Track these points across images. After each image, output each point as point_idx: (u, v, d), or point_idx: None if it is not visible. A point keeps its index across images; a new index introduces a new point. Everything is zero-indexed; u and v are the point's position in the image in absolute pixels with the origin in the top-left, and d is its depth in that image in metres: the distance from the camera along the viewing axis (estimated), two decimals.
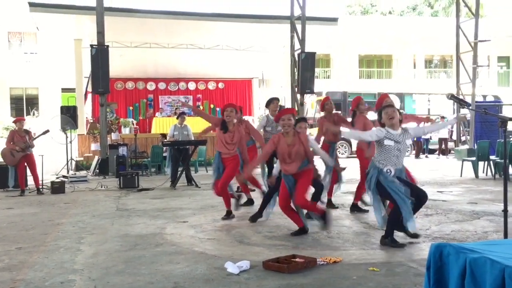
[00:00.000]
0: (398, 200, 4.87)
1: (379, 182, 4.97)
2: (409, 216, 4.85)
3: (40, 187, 10.19)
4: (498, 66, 34.25)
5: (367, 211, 6.86)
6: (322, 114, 7.71)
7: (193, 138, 11.48)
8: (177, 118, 11.73)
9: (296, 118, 6.13)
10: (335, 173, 7.26)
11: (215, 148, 6.93)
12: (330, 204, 7.37)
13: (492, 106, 19.10)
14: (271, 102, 8.17)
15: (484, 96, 24.01)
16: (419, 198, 4.97)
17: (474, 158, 12.07)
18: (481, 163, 11.94)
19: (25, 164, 10.11)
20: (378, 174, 4.98)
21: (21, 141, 10.01)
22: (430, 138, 20.47)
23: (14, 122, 10.73)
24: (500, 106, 20.53)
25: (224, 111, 6.68)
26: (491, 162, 11.67)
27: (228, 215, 6.75)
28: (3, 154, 10.19)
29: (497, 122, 4.89)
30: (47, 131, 10.55)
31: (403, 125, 5.16)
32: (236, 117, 6.86)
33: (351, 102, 7.43)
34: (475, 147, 14.10)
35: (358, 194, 7.13)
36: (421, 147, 20.34)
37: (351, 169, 8.27)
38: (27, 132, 10.27)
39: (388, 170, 4.95)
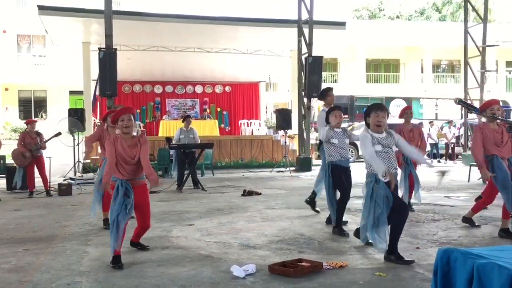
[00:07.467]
0: (367, 211, 4.69)
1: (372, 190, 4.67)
2: (365, 229, 4.78)
3: (49, 189, 10.24)
4: (506, 71, 34.08)
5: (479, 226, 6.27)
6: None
7: (199, 141, 11.50)
8: (182, 121, 11.74)
9: (332, 106, 6.12)
10: (411, 177, 7.40)
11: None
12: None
13: None
14: (327, 94, 6.51)
15: None
16: (398, 213, 4.65)
17: None
18: None
19: (35, 165, 10.16)
20: (374, 183, 4.65)
21: (32, 142, 10.07)
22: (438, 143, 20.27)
23: (26, 123, 10.81)
24: (509, 111, 20.43)
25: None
26: None
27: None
28: (14, 155, 10.25)
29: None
30: (59, 134, 10.63)
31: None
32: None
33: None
34: None
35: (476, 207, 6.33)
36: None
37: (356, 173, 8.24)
38: (38, 134, 10.31)
39: (384, 174, 4.55)
